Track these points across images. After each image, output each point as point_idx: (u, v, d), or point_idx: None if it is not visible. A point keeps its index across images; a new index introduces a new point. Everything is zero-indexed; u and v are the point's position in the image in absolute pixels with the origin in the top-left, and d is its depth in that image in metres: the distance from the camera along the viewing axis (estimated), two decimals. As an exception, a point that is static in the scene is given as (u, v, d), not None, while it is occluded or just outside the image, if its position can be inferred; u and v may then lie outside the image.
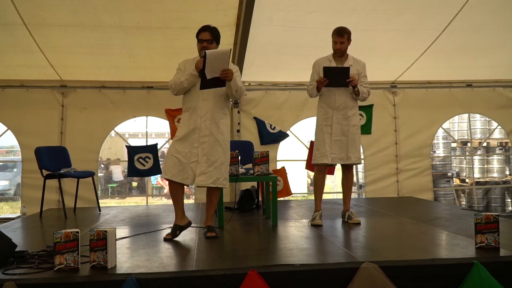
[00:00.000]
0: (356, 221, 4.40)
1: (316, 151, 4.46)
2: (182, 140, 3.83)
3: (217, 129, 3.84)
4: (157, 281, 2.68)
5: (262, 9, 5.16)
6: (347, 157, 4.38)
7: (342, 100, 4.37)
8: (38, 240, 4.11)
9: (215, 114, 3.84)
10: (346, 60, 4.41)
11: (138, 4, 5.17)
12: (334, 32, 4.35)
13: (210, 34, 3.83)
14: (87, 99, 6.66)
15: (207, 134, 3.80)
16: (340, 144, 4.37)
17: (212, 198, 3.97)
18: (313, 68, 4.49)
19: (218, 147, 3.84)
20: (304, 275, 2.76)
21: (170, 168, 3.80)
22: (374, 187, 7.10)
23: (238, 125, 6.83)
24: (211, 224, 3.96)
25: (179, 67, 3.94)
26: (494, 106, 7.40)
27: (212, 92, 3.81)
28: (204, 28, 3.87)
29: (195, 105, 3.83)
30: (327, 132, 4.39)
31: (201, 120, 3.80)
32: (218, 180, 3.81)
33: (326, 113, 4.41)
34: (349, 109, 4.39)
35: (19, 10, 5.09)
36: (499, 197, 8.55)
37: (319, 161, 4.42)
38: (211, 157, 3.79)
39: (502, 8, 5.59)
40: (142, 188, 13.35)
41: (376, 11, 5.45)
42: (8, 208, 10.91)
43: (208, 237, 3.82)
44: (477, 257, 2.95)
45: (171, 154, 3.85)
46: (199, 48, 3.86)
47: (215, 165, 3.80)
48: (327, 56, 4.48)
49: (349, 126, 4.38)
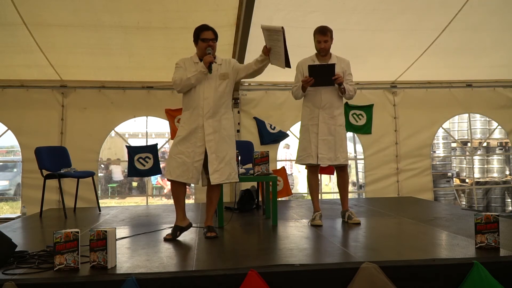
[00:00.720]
0: (356, 221, 4.39)
1: (302, 151, 4.42)
2: (185, 140, 3.82)
3: (220, 125, 3.84)
4: (157, 281, 2.68)
5: (262, 9, 5.16)
6: (335, 157, 4.33)
7: (327, 99, 4.33)
8: (38, 240, 4.11)
9: (217, 112, 3.84)
10: (330, 59, 4.38)
11: (138, 4, 5.17)
12: (316, 31, 4.32)
13: (213, 33, 3.85)
14: (87, 99, 6.66)
15: (211, 132, 3.80)
16: (327, 143, 4.32)
17: (212, 198, 3.98)
18: (296, 69, 4.43)
19: (224, 143, 3.84)
20: (304, 275, 2.76)
21: (174, 169, 3.79)
22: (374, 187, 7.10)
23: (238, 125, 6.82)
24: (211, 224, 3.96)
25: (179, 64, 3.91)
26: (494, 106, 7.40)
27: (213, 90, 3.83)
28: (207, 27, 3.86)
29: (196, 104, 3.82)
30: (313, 131, 4.34)
31: (203, 118, 3.80)
32: (230, 175, 3.84)
33: (311, 112, 4.36)
34: (335, 108, 4.36)
35: (19, 10, 5.09)
36: (499, 197, 8.55)
37: (304, 162, 4.40)
38: (219, 154, 3.80)
39: (502, 8, 5.59)
40: (142, 188, 13.34)
41: (376, 11, 5.45)
42: (8, 208, 10.91)
43: (208, 237, 3.82)
44: (477, 257, 2.95)
45: (174, 155, 3.83)
46: (203, 47, 3.82)
47: (225, 161, 3.81)
48: (310, 57, 4.44)
49: (336, 126, 4.35)
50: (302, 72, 4.37)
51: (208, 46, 3.80)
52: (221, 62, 3.95)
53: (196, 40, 3.88)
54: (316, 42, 4.34)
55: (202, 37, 3.84)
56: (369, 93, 7.07)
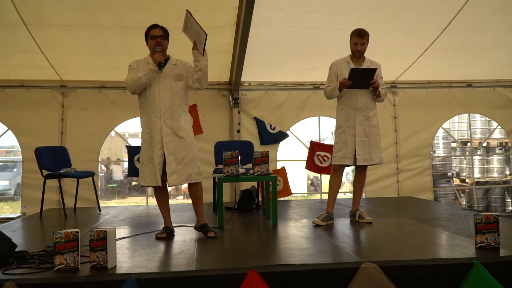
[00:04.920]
0: (368, 220, 4.41)
1: (337, 152, 4.42)
2: (148, 143, 3.83)
3: (178, 126, 3.81)
4: (157, 281, 2.68)
5: (262, 9, 5.16)
6: (370, 158, 4.39)
7: (363, 101, 4.37)
8: (38, 240, 4.11)
9: (174, 113, 3.82)
10: (363, 61, 4.41)
11: (138, 4, 5.17)
12: (354, 33, 4.33)
13: (162, 30, 3.86)
14: (87, 99, 6.66)
15: (169, 133, 3.79)
16: (363, 145, 4.37)
17: (197, 193, 3.94)
18: (330, 69, 4.45)
19: (182, 144, 3.81)
20: (304, 275, 2.76)
21: (148, 175, 3.82)
22: (374, 187, 7.10)
23: (238, 125, 6.83)
24: (205, 222, 3.94)
25: (132, 66, 3.90)
26: (494, 106, 7.41)
27: (168, 91, 3.81)
28: (155, 25, 3.87)
29: (152, 106, 3.80)
30: (349, 133, 4.37)
31: (160, 120, 3.78)
32: (190, 176, 3.81)
33: (348, 115, 4.39)
34: (369, 110, 4.40)
35: (19, 10, 5.09)
36: (499, 197, 8.55)
37: (340, 163, 4.40)
38: (178, 155, 3.79)
39: (502, 8, 5.59)
40: (142, 188, 13.33)
41: (376, 11, 5.45)
42: (8, 208, 10.91)
43: (210, 237, 3.83)
44: (477, 257, 2.95)
45: (144, 161, 3.86)
46: (152, 45, 3.81)
47: (183, 162, 3.79)
48: (345, 58, 4.45)
49: (370, 127, 4.39)
50: (336, 72, 4.38)
51: (157, 43, 3.78)
52: (176, 62, 3.93)
53: (146, 40, 3.90)
54: (352, 44, 4.34)
55: (150, 34, 3.84)
56: (369, 93, 7.07)
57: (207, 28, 3.78)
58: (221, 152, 4.57)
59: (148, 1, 5.11)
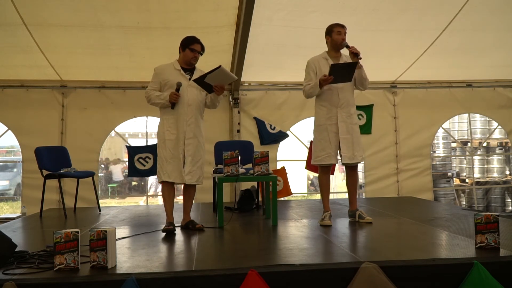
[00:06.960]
0: (369, 220, 4.37)
1: (320, 151, 4.34)
2: (174, 143, 4.10)
3: (199, 132, 4.20)
4: (157, 281, 2.68)
5: (262, 9, 5.16)
6: (353, 156, 4.32)
7: (344, 97, 4.31)
8: (38, 240, 4.11)
9: (197, 119, 4.19)
10: (340, 57, 4.38)
11: (138, 4, 5.17)
12: (334, 25, 4.32)
13: (201, 47, 4.17)
14: (87, 99, 6.66)
15: (192, 137, 4.13)
16: (347, 142, 4.30)
17: (191, 193, 4.31)
18: (308, 67, 4.38)
19: (200, 149, 4.20)
20: (304, 275, 2.76)
21: (172, 172, 4.08)
22: (374, 187, 7.11)
23: (238, 125, 6.83)
24: (191, 219, 4.25)
25: (156, 71, 4.20)
26: (494, 106, 7.41)
27: (195, 98, 4.15)
28: (198, 40, 4.17)
29: (181, 110, 4.10)
30: (332, 131, 4.29)
31: (186, 124, 4.10)
32: (199, 178, 4.20)
33: (329, 112, 4.31)
34: (351, 107, 4.36)
35: (19, 10, 5.09)
36: (499, 197, 8.55)
37: (325, 162, 4.33)
38: (195, 158, 4.14)
39: (502, 8, 5.59)
40: (142, 188, 13.35)
41: (376, 11, 5.45)
42: (8, 208, 10.92)
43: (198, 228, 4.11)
44: (477, 257, 2.94)
45: (168, 159, 4.10)
46: (190, 56, 4.13)
47: (197, 165, 4.17)
48: (321, 55, 4.40)
49: (352, 124, 4.34)
50: (315, 70, 4.33)
51: (194, 57, 4.13)
52: (201, 73, 4.11)
53: (184, 48, 4.15)
54: (335, 34, 4.29)
55: (191, 47, 4.12)
56: (369, 93, 7.06)
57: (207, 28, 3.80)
58: (221, 152, 4.58)
59: (148, 1, 5.11)
